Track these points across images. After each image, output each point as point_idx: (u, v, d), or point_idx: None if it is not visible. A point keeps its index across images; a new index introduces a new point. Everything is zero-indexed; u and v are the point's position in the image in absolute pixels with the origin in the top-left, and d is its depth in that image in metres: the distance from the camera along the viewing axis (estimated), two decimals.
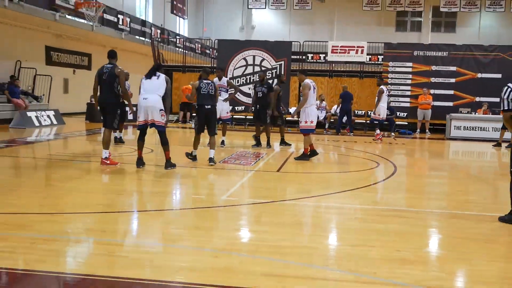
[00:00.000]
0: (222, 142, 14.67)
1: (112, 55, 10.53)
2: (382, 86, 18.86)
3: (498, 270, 5.05)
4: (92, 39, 26.62)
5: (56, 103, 22.94)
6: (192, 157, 11.34)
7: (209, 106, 11.06)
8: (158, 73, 10.30)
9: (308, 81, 12.15)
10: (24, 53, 22.86)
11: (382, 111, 18.70)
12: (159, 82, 10.22)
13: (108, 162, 10.32)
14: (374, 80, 22.74)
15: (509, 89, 6.94)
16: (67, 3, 22.23)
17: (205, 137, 11.61)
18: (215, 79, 14.18)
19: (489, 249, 5.77)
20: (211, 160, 10.99)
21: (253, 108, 15.11)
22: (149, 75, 10.24)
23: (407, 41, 27.96)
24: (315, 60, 26.97)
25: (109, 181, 9.26)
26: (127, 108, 14.33)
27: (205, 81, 11.15)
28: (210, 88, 11.08)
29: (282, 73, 22.36)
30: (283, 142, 15.09)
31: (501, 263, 5.27)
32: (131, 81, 15.46)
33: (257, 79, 16.54)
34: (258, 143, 14.76)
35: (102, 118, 10.72)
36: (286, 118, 22.64)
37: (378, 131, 18.70)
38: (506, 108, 6.96)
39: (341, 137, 20.21)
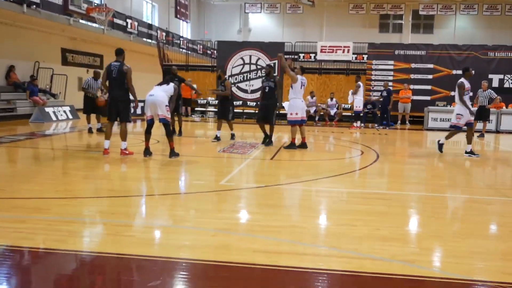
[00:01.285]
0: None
1: (119, 52, 10.27)
2: (359, 82, 20.67)
3: (468, 245, 5.10)
4: (103, 41, 26.51)
5: (72, 100, 22.88)
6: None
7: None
8: (170, 83, 10.44)
9: (299, 76, 12.07)
10: (42, 54, 22.77)
11: (359, 103, 20.48)
12: (168, 86, 10.30)
13: (127, 152, 10.33)
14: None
15: None
16: (79, 9, 22.17)
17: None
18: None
19: (460, 227, 5.82)
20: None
21: (260, 103, 13.21)
22: (160, 83, 10.40)
23: (389, 41, 27.83)
24: (306, 59, 26.74)
25: (119, 169, 9.27)
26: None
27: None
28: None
29: (276, 72, 22.26)
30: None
31: (470, 239, 5.31)
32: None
33: (264, 74, 14.80)
34: (269, 140, 12.96)
35: (109, 112, 10.33)
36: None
37: (357, 123, 20.67)
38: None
39: (329, 128, 20.24)
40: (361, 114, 20.98)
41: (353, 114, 21.78)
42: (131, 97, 10.31)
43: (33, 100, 20.06)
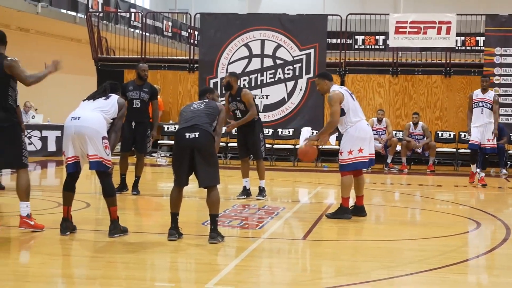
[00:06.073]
0: None
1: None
2: (492, 92, 11.64)
3: None
4: None
5: None
6: None
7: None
8: (110, 94, 6.36)
9: (337, 89, 7.62)
10: None
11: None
12: (107, 102, 6.28)
13: (32, 223, 6.16)
14: (469, 79, 14.30)
15: None
16: None
17: None
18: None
19: None
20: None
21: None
22: (92, 97, 6.33)
23: None
24: (368, 46, 17.16)
25: (18, 258, 5.64)
26: None
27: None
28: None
29: (313, 68, 14.61)
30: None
31: None
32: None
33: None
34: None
35: None
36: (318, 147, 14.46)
37: (479, 171, 11.36)
38: None
39: (417, 177, 12.92)
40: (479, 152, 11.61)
41: (486, 154, 11.53)
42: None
43: None
